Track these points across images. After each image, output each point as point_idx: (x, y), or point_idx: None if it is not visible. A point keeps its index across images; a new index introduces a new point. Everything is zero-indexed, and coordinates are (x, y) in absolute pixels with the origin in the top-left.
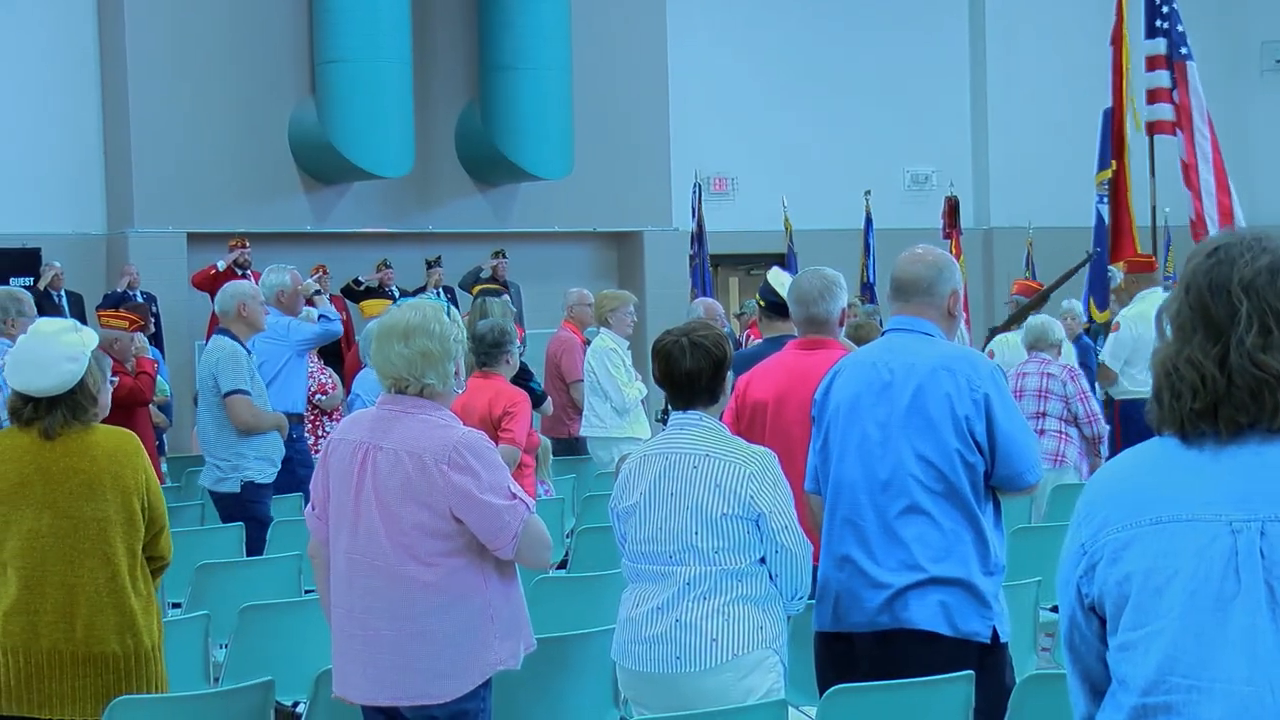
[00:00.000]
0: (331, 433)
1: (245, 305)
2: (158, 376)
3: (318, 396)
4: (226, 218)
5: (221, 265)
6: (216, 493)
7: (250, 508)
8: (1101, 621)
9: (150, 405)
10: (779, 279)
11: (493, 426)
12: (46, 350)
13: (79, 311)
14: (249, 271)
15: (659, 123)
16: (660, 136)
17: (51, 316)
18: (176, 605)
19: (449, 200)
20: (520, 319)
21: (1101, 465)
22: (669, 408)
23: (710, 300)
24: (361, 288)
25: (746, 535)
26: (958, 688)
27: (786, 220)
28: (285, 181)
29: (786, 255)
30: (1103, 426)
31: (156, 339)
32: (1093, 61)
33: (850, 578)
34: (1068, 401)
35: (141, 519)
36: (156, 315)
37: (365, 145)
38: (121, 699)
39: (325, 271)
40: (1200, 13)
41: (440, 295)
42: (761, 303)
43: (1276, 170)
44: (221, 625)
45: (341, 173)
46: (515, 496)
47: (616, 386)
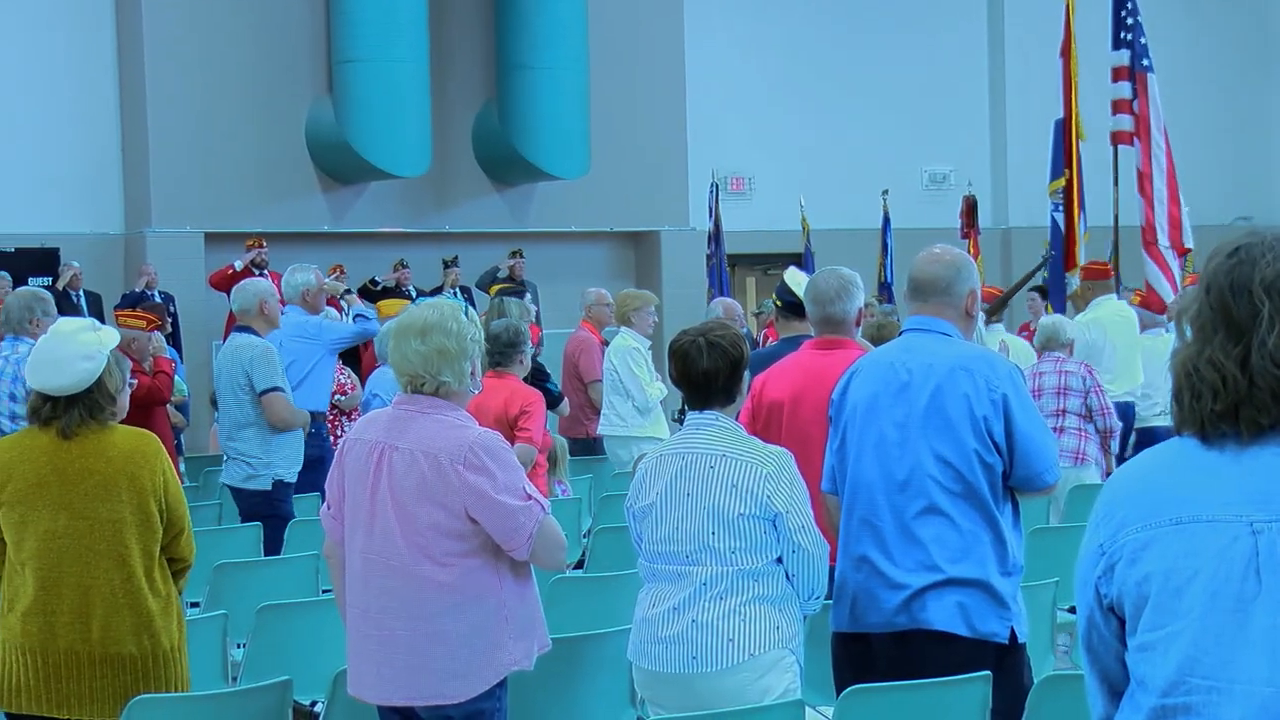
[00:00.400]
0: (347, 432)
1: (266, 303)
2: (175, 376)
3: (337, 397)
4: (244, 217)
5: (239, 265)
6: (244, 490)
7: (279, 506)
8: (1120, 622)
9: (168, 405)
10: (796, 279)
11: (509, 426)
12: (63, 349)
13: (97, 311)
14: (266, 271)
15: (676, 122)
16: (677, 136)
17: (70, 316)
18: (195, 605)
19: (466, 200)
20: (538, 319)
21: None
22: (686, 408)
23: (730, 300)
24: (378, 288)
25: (763, 535)
26: (975, 688)
27: (804, 220)
28: (302, 181)
29: (804, 255)
30: (1115, 421)
31: (174, 339)
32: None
33: (868, 578)
34: (1085, 396)
35: (159, 520)
36: (174, 315)
37: (382, 145)
38: (140, 698)
39: (343, 271)
40: (1223, 10)
41: (457, 295)
42: (778, 303)
43: None
44: (239, 625)
45: (358, 172)
46: (530, 497)
47: (639, 385)
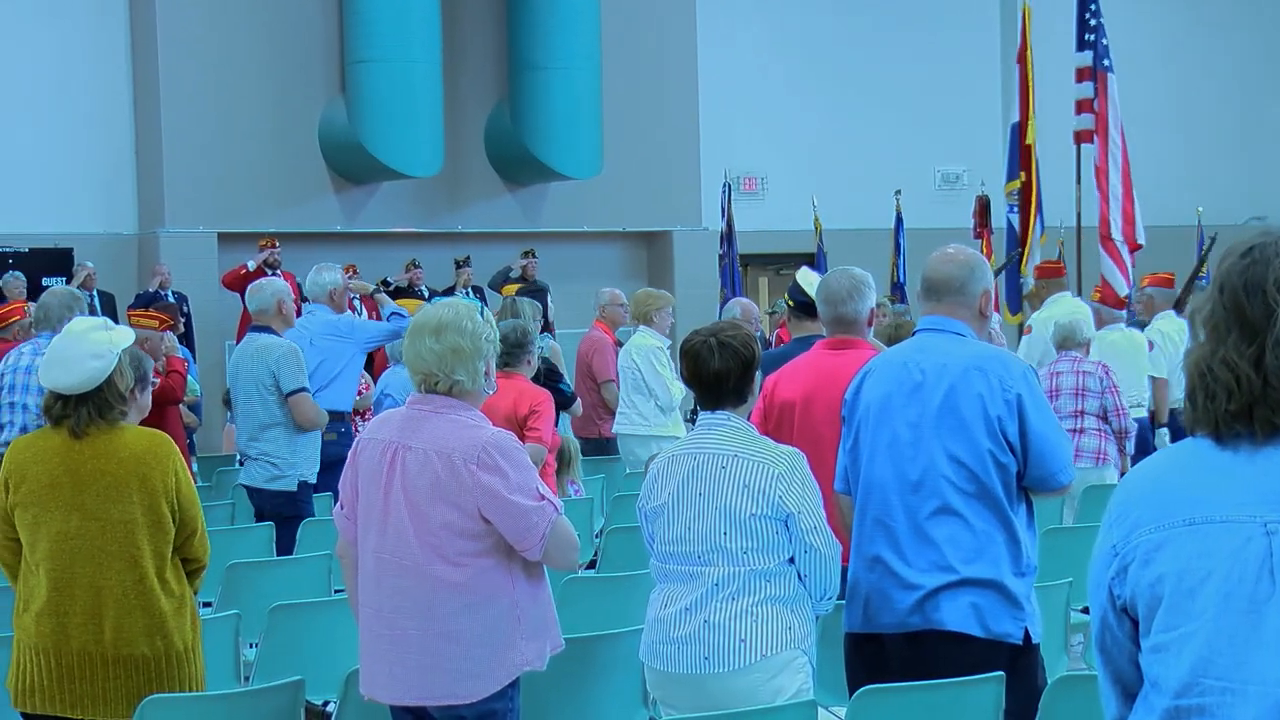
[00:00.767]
0: (361, 432)
1: (284, 303)
2: (188, 376)
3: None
4: (257, 218)
5: (251, 265)
6: (268, 490)
7: (302, 506)
8: (1134, 623)
9: (181, 405)
10: (808, 279)
11: (518, 426)
12: (73, 348)
13: (111, 311)
14: (279, 271)
15: (689, 122)
16: (690, 136)
17: (84, 316)
18: (207, 604)
19: (478, 200)
20: (547, 322)
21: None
22: (697, 408)
23: (748, 302)
24: (391, 288)
25: (775, 535)
26: (988, 689)
27: (816, 220)
28: (315, 181)
29: (816, 255)
30: (1131, 422)
31: (187, 339)
32: (1124, 60)
33: (881, 578)
34: (1101, 397)
35: (171, 521)
36: (187, 315)
37: (395, 145)
38: (152, 698)
39: (355, 271)
40: (1237, 12)
41: (470, 295)
42: (790, 303)
43: None
44: (252, 625)
45: (371, 173)
46: (543, 498)
47: (664, 384)
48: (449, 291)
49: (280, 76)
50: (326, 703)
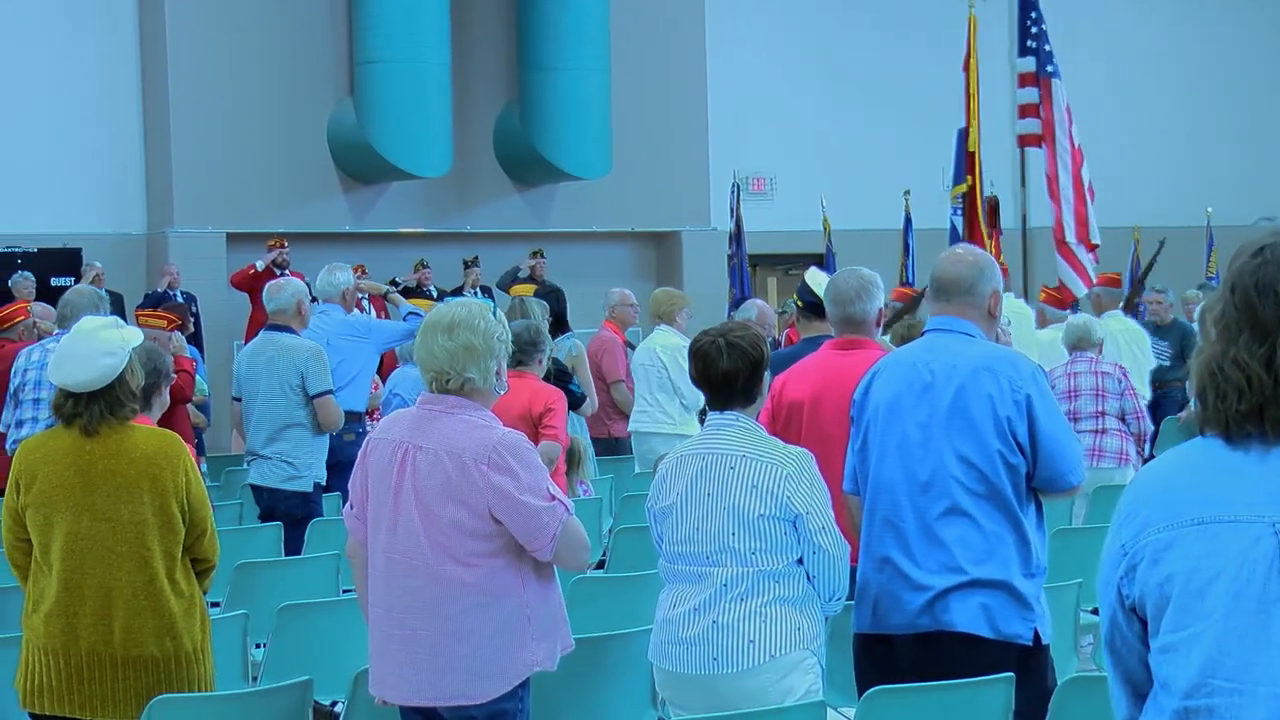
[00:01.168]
0: (371, 432)
1: (303, 304)
2: (197, 375)
3: None
4: (266, 218)
5: (260, 265)
6: (284, 491)
7: (314, 507)
8: (1143, 623)
9: (190, 404)
10: (817, 279)
11: (533, 424)
12: (85, 345)
13: (119, 311)
14: (287, 271)
15: (697, 123)
16: (699, 136)
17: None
18: (215, 604)
19: (487, 200)
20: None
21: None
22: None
23: (764, 305)
24: (399, 288)
25: (784, 536)
26: (998, 690)
27: (825, 220)
28: (324, 182)
29: (825, 255)
30: (1148, 424)
31: (196, 339)
32: (1133, 64)
33: (890, 579)
34: (1120, 399)
35: (181, 521)
36: (196, 315)
37: (404, 145)
38: (160, 698)
39: (364, 272)
40: (1244, 13)
41: (479, 295)
42: (799, 303)
43: None
44: (260, 625)
45: (380, 173)
46: (554, 498)
47: (689, 383)
48: (457, 292)
49: (289, 77)
50: (335, 703)
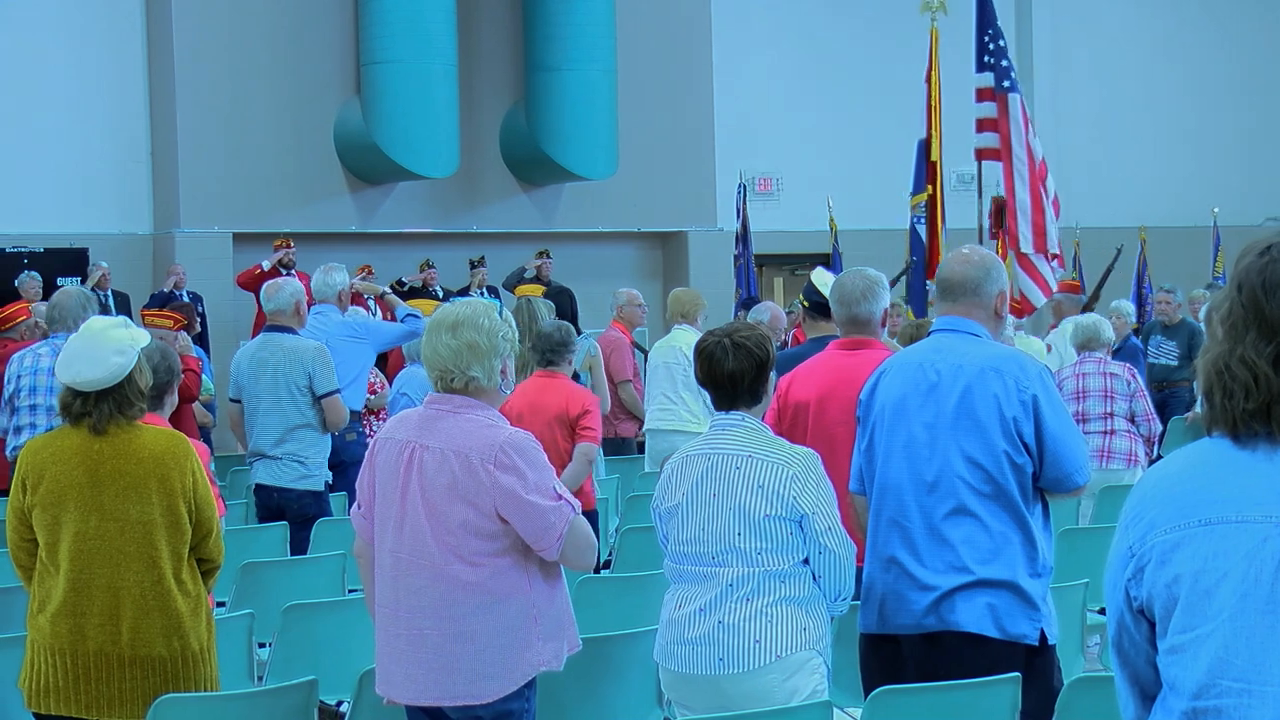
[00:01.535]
0: (378, 432)
1: (301, 304)
2: (203, 375)
3: (367, 396)
4: (272, 218)
5: (266, 265)
6: (295, 490)
7: (325, 506)
8: (1151, 625)
9: (197, 403)
10: (823, 279)
11: (569, 426)
12: (96, 344)
13: (125, 311)
14: (293, 271)
15: (704, 123)
16: (705, 136)
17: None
18: (221, 604)
19: (493, 200)
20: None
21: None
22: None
23: (778, 309)
24: (405, 288)
25: (789, 536)
26: (1004, 690)
27: (831, 220)
28: (330, 182)
29: (831, 255)
30: (1157, 425)
31: (202, 339)
32: (1140, 64)
33: (896, 579)
34: (1130, 400)
35: (188, 522)
36: (202, 315)
37: (410, 146)
38: (166, 698)
39: (370, 272)
40: (1250, 14)
41: (485, 295)
42: (805, 303)
43: None
44: (265, 624)
45: (386, 173)
46: (560, 497)
47: None
48: (464, 292)
49: (296, 77)
50: (340, 702)
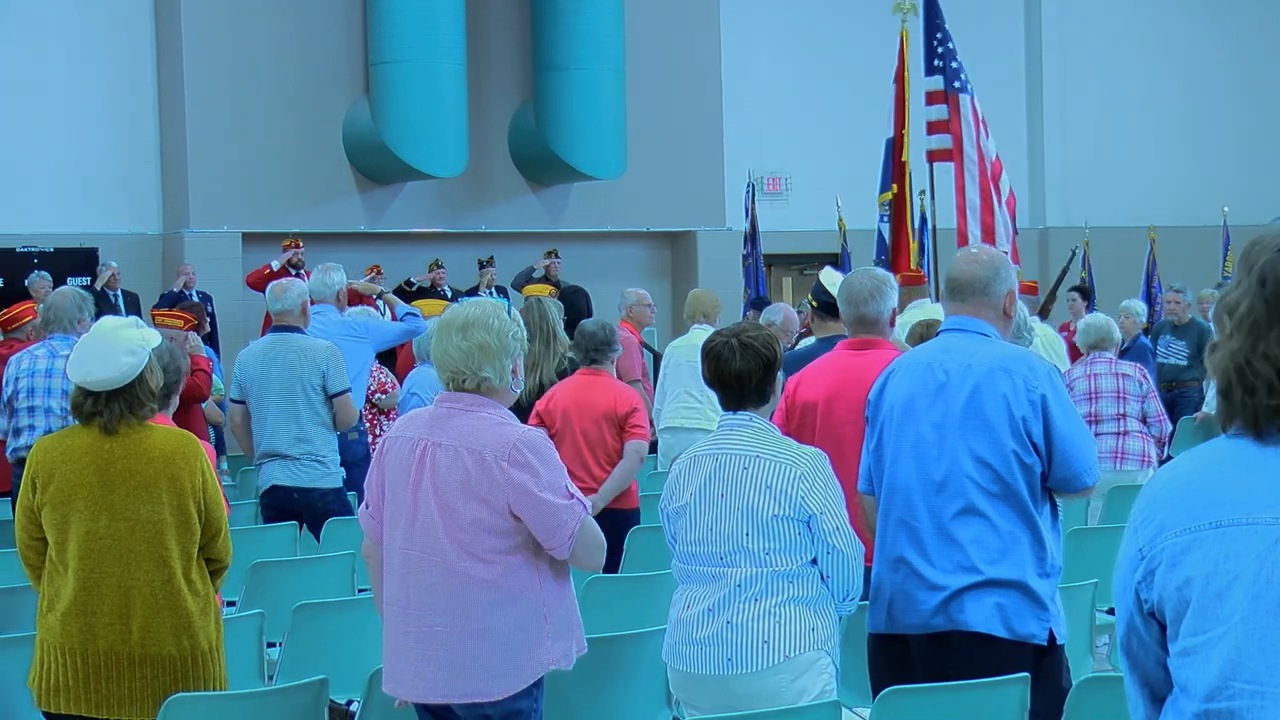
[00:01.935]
0: (387, 431)
1: (307, 304)
2: (213, 375)
3: (376, 395)
4: (281, 218)
5: (275, 265)
6: (317, 489)
7: (347, 503)
8: (1161, 627)
9: (208, 402)
10: (831, 279)
11: (618, 425)
12: (107, 344)
13: (135, 311)
14: (302, 271)
15: (712, 122)
16: (713, 136)
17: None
18: (231, 604)
19: (502, 200)
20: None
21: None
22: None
23: (791, 311)
24: (414, 288)
25: (797, 536)
26: (1013, 690)
27: (840, 220)
28: (339, 182)
29: (840, 255)
30: (1168, 426)
31: (212, 338)
32: (1149, 63)
33: (905, 579)
34: (1142, 401)
35: (198, 521)
36: (212, 315)
37: (419, 145)
38: (176, 697)
39: (379, 272)
40: (1256, 13)
41: (494, 295)
42: (814, 303)
43: None
44: (275, 624)
45: (395, 173)
46: (572, 496)
47: None
48: (472, 292)
49: (304, 77)
50: (350, 701)
